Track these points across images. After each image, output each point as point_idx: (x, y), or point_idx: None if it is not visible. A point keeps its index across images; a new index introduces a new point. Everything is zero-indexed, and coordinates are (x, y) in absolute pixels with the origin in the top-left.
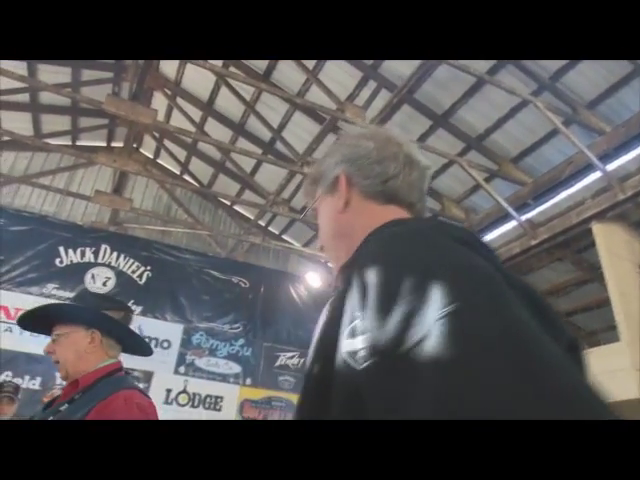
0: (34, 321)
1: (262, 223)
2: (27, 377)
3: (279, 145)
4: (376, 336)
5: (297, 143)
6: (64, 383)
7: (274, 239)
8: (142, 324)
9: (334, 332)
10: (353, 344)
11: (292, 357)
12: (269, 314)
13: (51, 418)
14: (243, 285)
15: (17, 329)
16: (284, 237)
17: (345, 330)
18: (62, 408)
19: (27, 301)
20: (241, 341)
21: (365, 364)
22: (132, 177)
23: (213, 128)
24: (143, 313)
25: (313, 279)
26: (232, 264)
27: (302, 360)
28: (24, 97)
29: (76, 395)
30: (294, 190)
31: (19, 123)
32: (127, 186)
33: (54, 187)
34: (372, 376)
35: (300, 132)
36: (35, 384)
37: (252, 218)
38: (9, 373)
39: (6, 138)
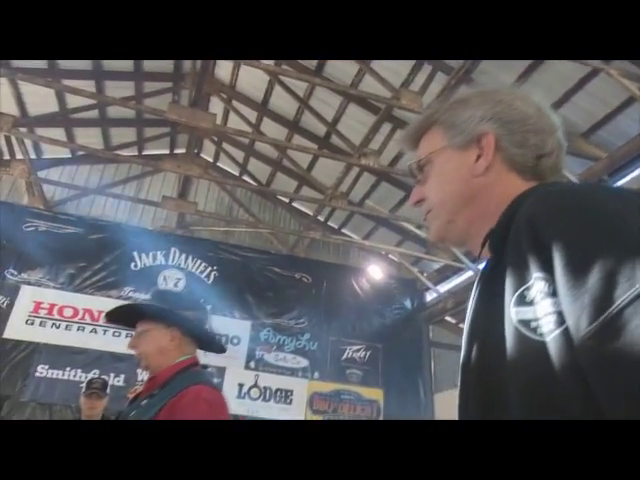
0: (120, 317)
1: (321, 218)
2: (112, 374)
3: (334, 139)
4: (571, 298)
5: (353, 135)
6: (145, 380)
7: (334, 233)
8: (212, 322)
9: (494, 305)
10: (526, 312)
11: (358, 350)
12: (333, 308)
13: (134, 413)
14: (306, 281)
15: (101, 330)
16: (344, 231)
17: (511, 299)
18: (142, 403)
19: (108, 304)
20: (307, 335)
21: (557, 331)
22: (195, 181)
23: (269, 127)
24: (212, 311)
25: (375, 272)
26: (294, 260)
27: (368, 353)
28: (94, 113)
29: (155, 390)
30: (352, 183)
31: (91, 138)
32: (191, 190)
33: (125, 195)
34: (585, 347)
35: (355, 124)
36: (120, 381)
37: (311, 214)
38: (96, 371)
39: (81, 153)
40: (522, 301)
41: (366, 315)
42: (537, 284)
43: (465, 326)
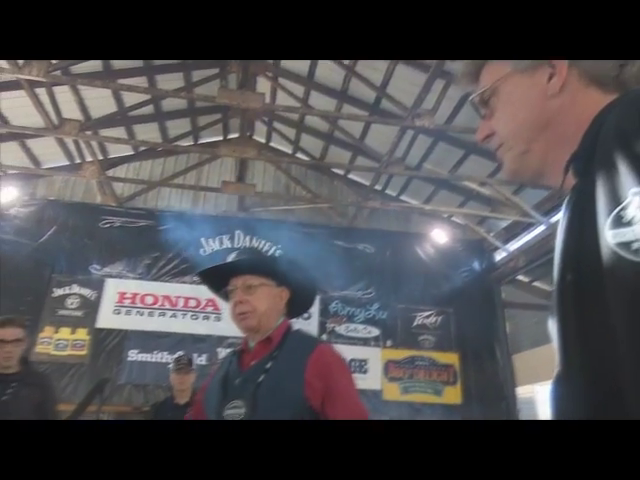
0: (214, 276)
1: (379, 187)
2: (195, 355)
3: (385, 103)
4: None
5: (404, 97)
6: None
7: (393, 201)
8: None
9: (586, 232)
10: (625, 234)
11: (429, 316)
12: (399, 276)
13: (264, 377)
14: (368, 251)
15: (180, 314)
16: (403, 198)
17: (606, 221)
18: (268, 366)
19: (183, 289)
20: (376, 305)
21: None
22: (251, 164)
23: (317, 100)
24: None
25: (439, 236)
26: (355, 232)
27: (439, 318)
28: (149, 109)
29: (274, 352)
30: (407, 147)
31: (150, 133)
32: (248, 173)
33: (187, 185)
34: None
35: (405, 85)
36: (202, 360)
37: (368, 184)
38: (181, 352)
39: (142, 148)
40: (619, 222)
41: (433, 281)
42: (635, 200)
43: (555, 261)
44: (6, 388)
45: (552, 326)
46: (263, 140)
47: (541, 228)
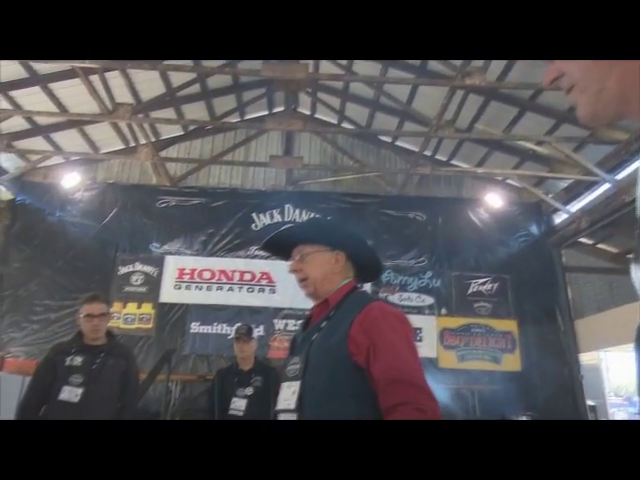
0: (278, 243)
1: (428, 153)
2: (253, 325)
3: (432, 64)
4: None
5: None
6: (282, 329)
7: (443, 166)
8: None
9: None
10: None
11: (484, 283)
12: (452, 243)
13: (317, 335)
14: (420, 219)
15: (237, 288)
16: (454, 162)
17: None
18: (322, 325)
19: (238, 264)
20: (429, 274)
21: None
22: (297, 136)
23: (360, 66)
24: None
25: (493, 200)
26: (405, 200)
27: (496, 285)
28: (195, 88)
29: (331, 312)
30: (457, 109)
31: (198, 112)
32: (294, 146)
33: (236, 161)
34: None
35: None
36: (260, 331)
37: (417, 150)
38: (239, 323)
39: (192, 128)
40: None
41: (488, 247)
42: None
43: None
44: (95, 358)
45: (637, 275)
46: (308, 112)
47: (606, 187)
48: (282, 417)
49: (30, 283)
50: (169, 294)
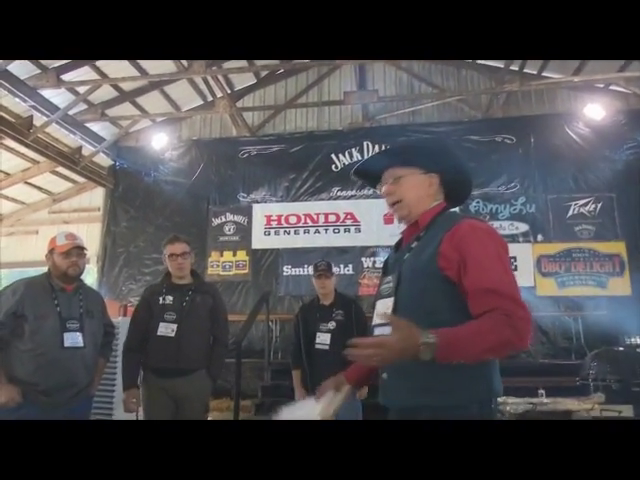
0: (369, 167)
1: (515, 67)
2: (342, 265)
3: None
4: None
5: None
6: (370, 266)
7: (534, 80)
8: None
9: None
10: None
11: (586, 204)
12: (547, 164)
13: (408, 255)
14: (509, 142)
15: (322, 230)
16: (545, 74)
17: None
18: (413, 245)
19: (322, 206)
20: (522, 199)
21: None
22: (370, 69)
23: None
24: None
25: (594, 111)
26: (491, 123)
27: (599, 205)
28: None
29: (421, 233)
30: None
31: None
32: (368, 79)
33: (310, 103)
34: None
35: None
36: (349, 270)
37: (502, 65)
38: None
39: (264, 74)
40: None
41: (590, 164)
42: None
43: None
44: (184, 296)
45: None
46: None
47: None
48: (378, 331)
49: (138, 240)
50: (260, 240)
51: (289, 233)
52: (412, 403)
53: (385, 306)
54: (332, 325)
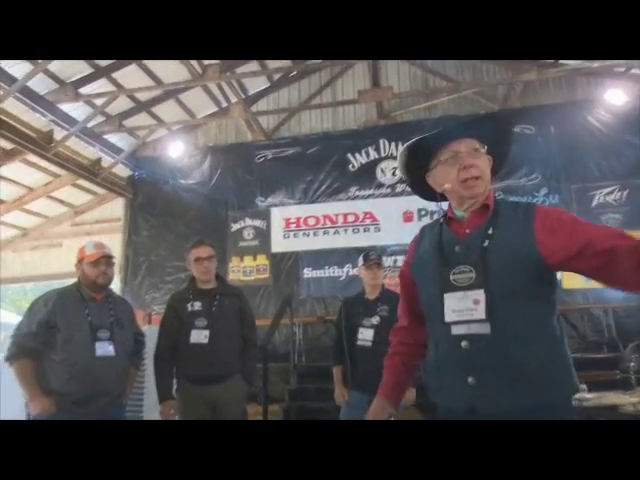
0: (431, 142)
1: None
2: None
3: None
4: None
5: None
6: (392, 265)
7: (552, 67)
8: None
9: None
10: None
11: (612, 192)
12: (568, 154)
13: (487, 243)
14: (529, 132)
15: (342, 230)
16: (562, 61)
17: None
18: (490, 232)
19: (340, 207)
20: (544, 190)
21: None
22: (383, 66)
23: None
24: None
25: (615, 96)
26: (509, 114)
27: (626, 192)
28: None
29: (491, 218)
30: None
31: (280, 61)
32: (382, 76)
33: (325, 103)
34: None
35: None
36: None
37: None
38: (349, 265)
39: (277, 77)
40: None
41: (613, 150)
42: None
43: None
44: (212, 300)
45: None
46: None
47: None
48: (463, 329)
49: (159, 248)
50: (279, 244)
51: (308, 235)
52: (508, 409)
53: (470, 299)
54: (376, 320)
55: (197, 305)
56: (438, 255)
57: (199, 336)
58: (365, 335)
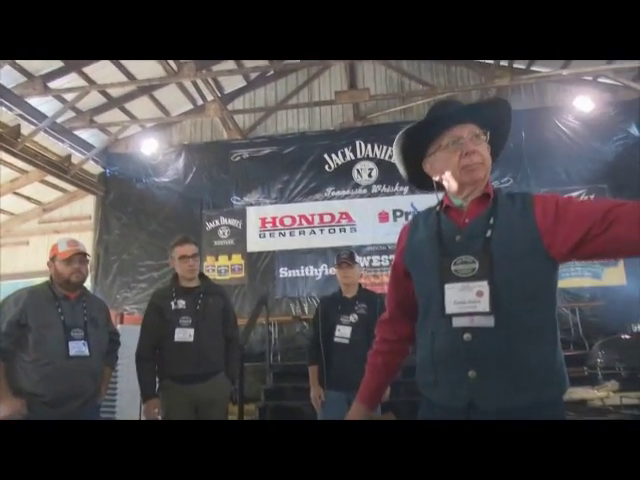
0: (431, 127)
1: (504, 63)
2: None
3: None
4: None
5: None
6: (367, 265)
7: (523, 74)
8: (413, 201)
9: None
10: None
11: (579, 196)
12: (538, 158)
13: (490, 233)
14: None
15: (318, 230)
16: (534, 68)
17: None
18: (491, 221)
19: (317, 207)
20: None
21: None
22: (360, 68)
23: None
24: (411, 191)
25: (583, 104)
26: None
27: (592, 197)
28: None
29: (490, 207)
30: None
31: (256, 61)
32: (358, 78)
33: (301, 103)
34: None
35: None
36: None
37: (491, 62)
38: (324, 265)
39: (253, 76)
40: None
41: (581, 156)
42: None
43: None
44: (196, 299)
45: None
46: None
47: None
48: (465, 322)
49: (131, 247)
50: (255, 243)
51: (284, 235)
52: (509, 404)
53: (472, 291)
54: (354, 318)
55: (181, 303)
56: (436, 245)
57: (184, 334)
58: (342, 332)
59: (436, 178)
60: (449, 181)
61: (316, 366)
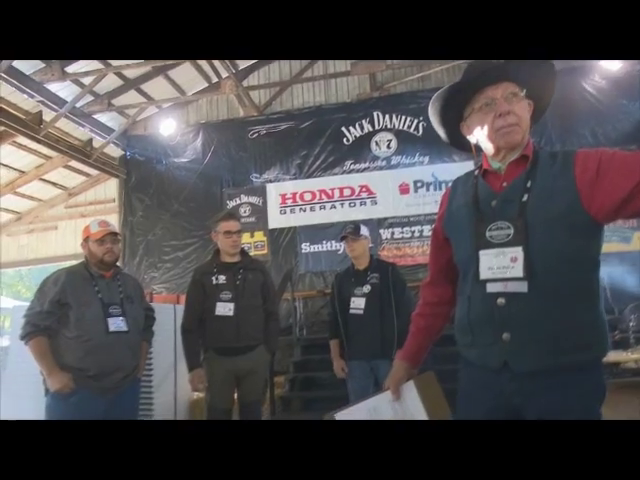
0: (464, 89)
1: None
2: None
3: None
4: None
5: None
6: (389, 238)
7: None
8: (434, 171)
9: None
10: None
11: None
12: (563, 121)
13: (526, 197)
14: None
15: (338, 204)
16: None
17: None
18: (528, 185)
19: (336, 180)
20: None
21: None
22: None
23: None
24: (432, 161)
25: (609, 62)
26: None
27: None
28: None
29: (531, 170)
30: None
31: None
32: None
33: (317, 76)
34: None
35: None
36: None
37: None
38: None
39: None
40: None
41: (608, 117)
42: None
43: None
44: (237, 274)
45: None
46: None
47: None
48: (499, 287)
49: (155, 228)
50: (276, 220)
51: (305, 210)
52: (542, 366)
53: (507, 257)
54: (367, 289)
55: (222, 278)
56: (473, 210)
57: (224, 309)
58: (357, 304)
59: (473, 141)
60: (485, 144)
61: (336, 340)
